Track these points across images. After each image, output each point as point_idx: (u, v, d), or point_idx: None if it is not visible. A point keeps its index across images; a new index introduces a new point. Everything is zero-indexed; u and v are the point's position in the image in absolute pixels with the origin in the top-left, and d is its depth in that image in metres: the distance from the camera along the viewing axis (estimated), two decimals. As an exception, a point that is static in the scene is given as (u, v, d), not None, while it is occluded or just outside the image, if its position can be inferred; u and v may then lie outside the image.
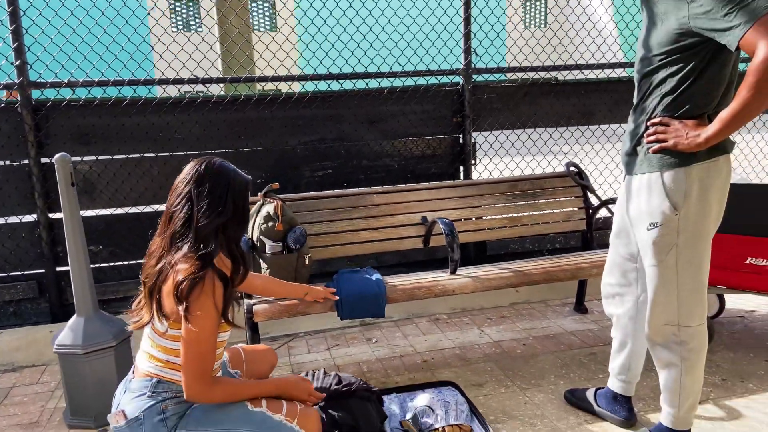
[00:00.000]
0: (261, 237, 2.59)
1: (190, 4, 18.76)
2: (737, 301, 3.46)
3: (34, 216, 3.37)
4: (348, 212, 3.02)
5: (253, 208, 2.69)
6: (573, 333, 3.17)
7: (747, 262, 2.75)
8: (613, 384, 2.28)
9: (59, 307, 3.47)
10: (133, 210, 3.51)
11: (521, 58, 14.31)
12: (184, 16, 18.76)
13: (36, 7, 3.51)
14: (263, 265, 2.63)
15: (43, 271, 3.43)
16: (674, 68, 1.80)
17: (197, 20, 18.76)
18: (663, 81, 1.83)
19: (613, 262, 2.19)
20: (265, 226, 2.58)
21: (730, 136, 1.82)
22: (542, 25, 22.85)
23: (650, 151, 1.87)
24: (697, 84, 1.78)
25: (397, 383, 2.66)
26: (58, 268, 3.45)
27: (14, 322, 3.45)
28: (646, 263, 1.96)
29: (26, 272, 3.44)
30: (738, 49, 1.64)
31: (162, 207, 3.53)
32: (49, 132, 3.31)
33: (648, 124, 1.88)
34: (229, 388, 1.73)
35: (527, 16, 22.77)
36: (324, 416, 1.99)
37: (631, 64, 4.02)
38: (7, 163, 3.31)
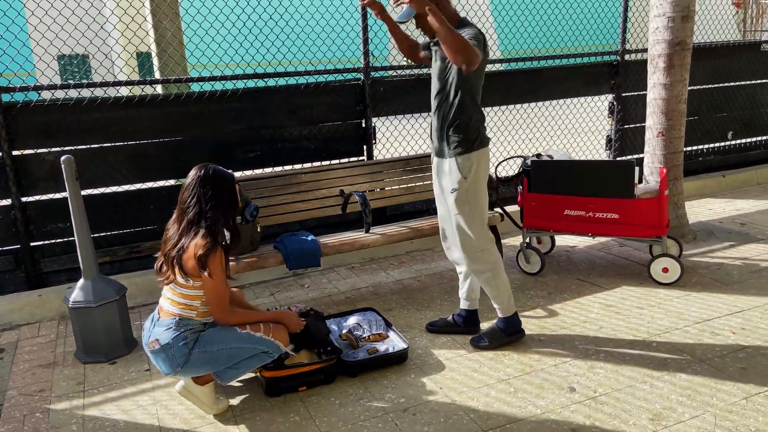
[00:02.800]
0: (225, 212, 3.45)
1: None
2: (564, 240, 4.77)
3: (9, 200, 3.96)
4: (283, 189, 3.94)
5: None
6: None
7: (565, 213, 4.00)
8: (464, 304, 3.40)
9: (35, 277, 4.11)
10: (94, 192, 4.17)
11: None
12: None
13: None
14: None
15: (18, 246, 4.04)
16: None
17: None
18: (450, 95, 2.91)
19: (441, 222, 3.27)
20: (228, 204, 3.44)
21: (486, 135, 2.98)
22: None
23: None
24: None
25: (331, 313, 3.67)
26: (32, 243, 4.07)
27: (-6, 291, 4.06)
28: (452, 214, 3.05)
29: (2, 248, 4.04)
30: None
31: (116, 188, 4.22)
32: (19, 129, 3.89)
33: None
34: (243, 315, 2.65)
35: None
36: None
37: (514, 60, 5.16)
38: (-18, 157, 3.87)
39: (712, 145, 6.36)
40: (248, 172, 4.45)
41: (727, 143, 6.43)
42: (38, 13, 4.20)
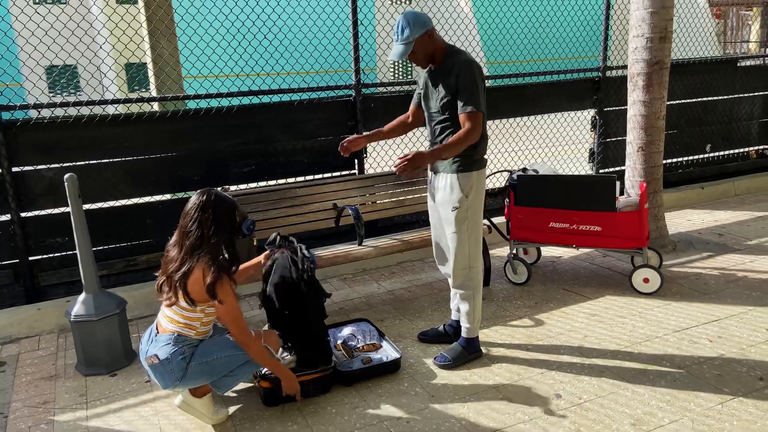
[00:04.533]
0: (223, 227, 3.55)
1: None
2: (550, 252, 4.93)
3: (8, 216, 4.03)
4: (278, 202, 4.05)
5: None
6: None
7: (550, 225, 4.15)
8: (455, 315, 3.52)
9: (33, 290, 4.19)
10: (92, 207, 4.25)
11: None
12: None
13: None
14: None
15: (17, 260, 4.12)
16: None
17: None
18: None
19: (434, 236, 3.40)
20: (226, 219, 3.55)
21: (484, 157, 3.12)
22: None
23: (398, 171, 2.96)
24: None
25: (336, 322, 3.77)
26: (31, 258, 4.15)
27: (-8, 305, 4.12)
28: (448, 231, 3.17)
29: (2, 263, 4.11)
30: None
31: (113, 203, 4.31)
32: (19, 146, 3.98)
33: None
34: (261, 351, 2.72)
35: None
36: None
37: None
38: (-17, 173, 3.95)
39: (691, 158, 6.58)
40: (243, 186, 4.57)
41: (706, 156, 6.66)
42: (27, 25, 4.29)
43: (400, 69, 23.16)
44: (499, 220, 4.67)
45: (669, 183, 6.15)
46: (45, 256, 4.20)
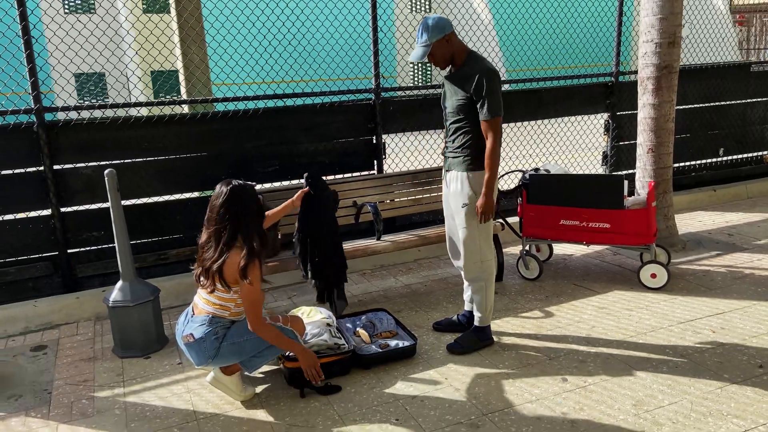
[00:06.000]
0: (250, 221, 3.79)
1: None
2: (562, 249, 5.09)
3: (49, 210, 4.31)
4: (301, 200, 4.27)
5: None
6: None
7: (561, 223, 4.32)
8: (468, 306, 3.71)
9: (71, 281, 4.46)
10: (127, 202, 4.51)
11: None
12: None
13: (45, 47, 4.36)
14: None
15: (56, 253, 4.39)
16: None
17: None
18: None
19: (448, 231, 3.58)
20: (252, 213, 3.78)
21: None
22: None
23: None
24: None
25: (346, 313, 3.99)
26: (69, 250, 4.42)
27: (33, 294, 4.38)
28: (459, 227, 3.37)
29: (42, 255, 4.39)
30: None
31: (147, 200, 4.58)
32: (60, 146, 4.25)
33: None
34: (273, 331, 2.90)
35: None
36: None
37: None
38: (27, 170, 4.23)
39: (704, 161, 6.70)
40: (267, 185, 4.80)
41: (719, 159, 6.76)
42: (57, 33, 4.58)
43: (420, 74, 23.40)
44: (513, 219, 4.85)
45: (681, 186, 6.28)
46: (82, 249, 4.47)
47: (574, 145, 6.44)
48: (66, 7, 18.24)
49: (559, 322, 3.78)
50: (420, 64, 24.83)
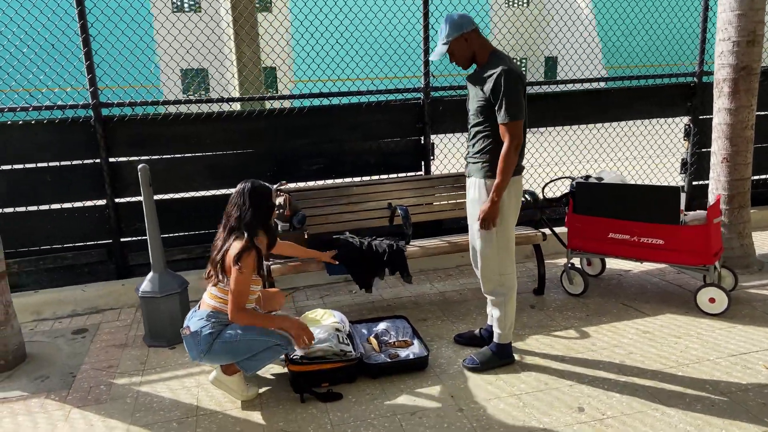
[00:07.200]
0: (275, 219, 3.80)
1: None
2: (618, 264, 4.71)
3: (104, 200, 4.55)
4: (335, 200, 4.24)
5: (270, 199, 3.90)
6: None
7: (609, 236, 3.99)
8: (490, 320, 3.48)
9: (123, 268, 4.69)
10: (176, 196, 4.68)
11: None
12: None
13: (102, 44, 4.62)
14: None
15: (110, 241, 4.63)
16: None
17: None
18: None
19: (471, 239, 3.36)
20: (278, 212, 3.79)
21: (522, 164, 3.08)
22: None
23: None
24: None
25: (364, 318, 3.91)
26: (122, 239, 4.65)
27: (89, 279, 4.65)
28: (477, 236, 3.16)
29: (98, 242, 4.64)
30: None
31: (195, 194, 4.72)
32: (115, 140, 4.47)
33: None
34: (252, 317, 2.93)
35: None
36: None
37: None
38: (84, 162, 4.49)
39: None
40: (311, 183, 4.80)
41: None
42: (164, 30, 4.81)
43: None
44: (563, 230, 4.54)
45: (763, 200, 5.61)
46: (134, 239, 4.69)
47: (647, 152, 5.95)
48: (174, 5, 19.38)
49: (593, 345, 3.49)
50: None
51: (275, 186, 4.00)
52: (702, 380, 3.05)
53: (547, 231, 4.33)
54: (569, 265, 4.18)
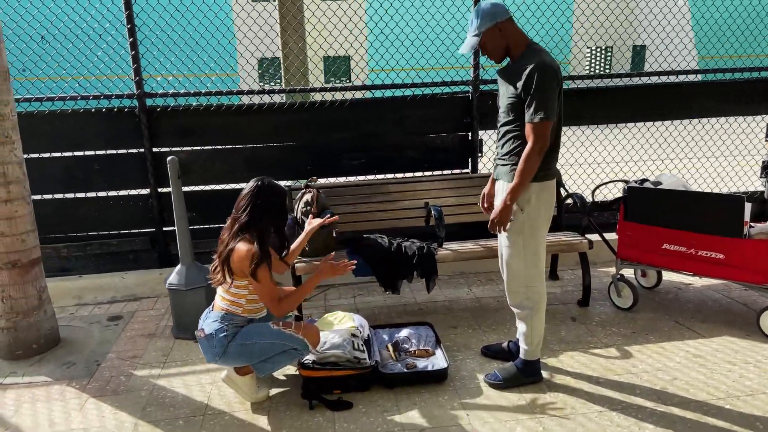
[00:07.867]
0: (302, 217, 3.71)
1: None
2: (678, 277, 4.30)
3: (148, 190, 4.62)
4: (369, 197, 4.09)
5: (298, 195, 3.81)
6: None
7: (663, 247, 3.63)
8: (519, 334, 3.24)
9: (165, 257, 4.75)
10: (217, 187, 4.69)
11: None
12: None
13: (147, 35, 4.67)
14: (305, 236, 3.74)
15: (153, 230, 4.70)
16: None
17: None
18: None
19: (499, 248, 3.09)
20: (305, 209, 3.69)
21: (556, 167, 2.82)
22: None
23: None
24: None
25: (397, 322, 3.75)
26: (165, 228, 4.71)
27: (133, 266, 4.74)
28: (503, 244, 2.92)
29: (142, 230, 4.73)
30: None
31: (235, 185, 4.70)
32: (159, 130, 4.52)
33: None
34: (291, 298, 2.86)
35: None
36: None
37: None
38: (129, 151, 4.57)
39: None
40: (351, 178, 4.68)
41: None
42: (244, 21, 4.82)
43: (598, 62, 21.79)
44: (614, 236, 4.19)
45: None
46: (176, 228, 4.73)
47: (722, 152, 5.42)
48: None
49: (634, 367, 3.18)
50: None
51: (305, 182, 3.91)
52: (753, 416, 2.70)
53: (595, 237, 4.01)
54: (618, 276, 3.84)
